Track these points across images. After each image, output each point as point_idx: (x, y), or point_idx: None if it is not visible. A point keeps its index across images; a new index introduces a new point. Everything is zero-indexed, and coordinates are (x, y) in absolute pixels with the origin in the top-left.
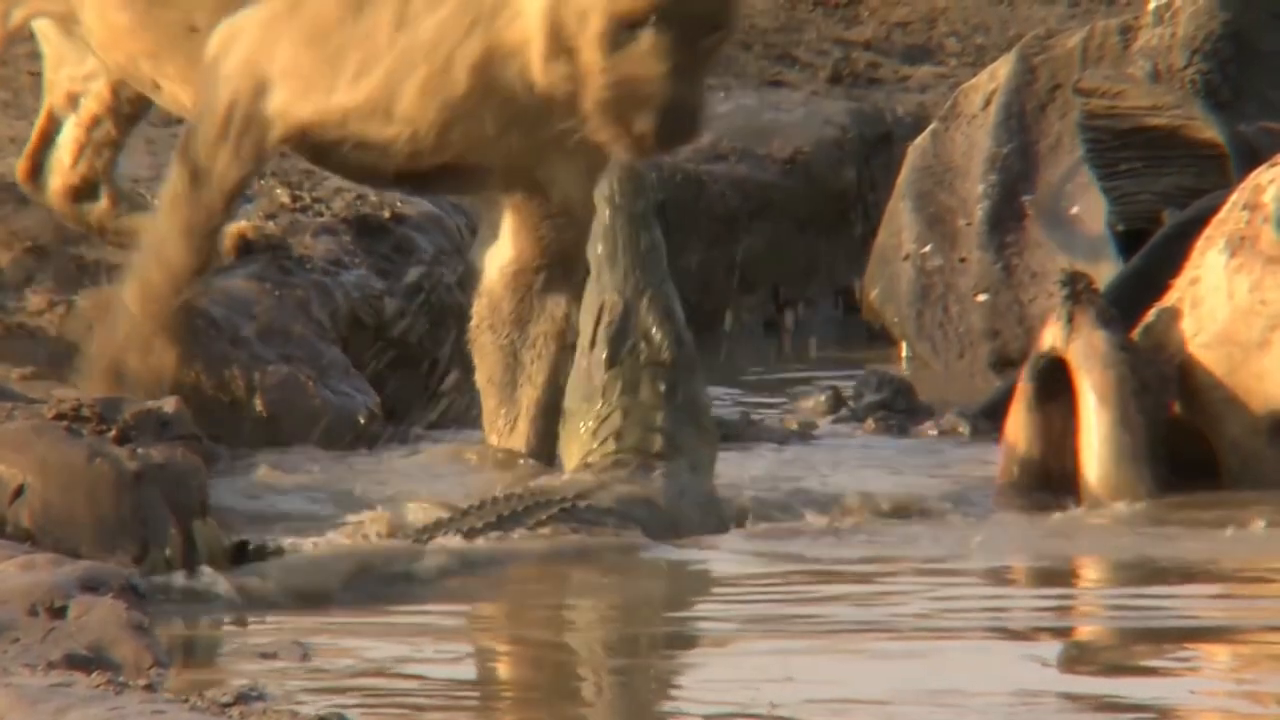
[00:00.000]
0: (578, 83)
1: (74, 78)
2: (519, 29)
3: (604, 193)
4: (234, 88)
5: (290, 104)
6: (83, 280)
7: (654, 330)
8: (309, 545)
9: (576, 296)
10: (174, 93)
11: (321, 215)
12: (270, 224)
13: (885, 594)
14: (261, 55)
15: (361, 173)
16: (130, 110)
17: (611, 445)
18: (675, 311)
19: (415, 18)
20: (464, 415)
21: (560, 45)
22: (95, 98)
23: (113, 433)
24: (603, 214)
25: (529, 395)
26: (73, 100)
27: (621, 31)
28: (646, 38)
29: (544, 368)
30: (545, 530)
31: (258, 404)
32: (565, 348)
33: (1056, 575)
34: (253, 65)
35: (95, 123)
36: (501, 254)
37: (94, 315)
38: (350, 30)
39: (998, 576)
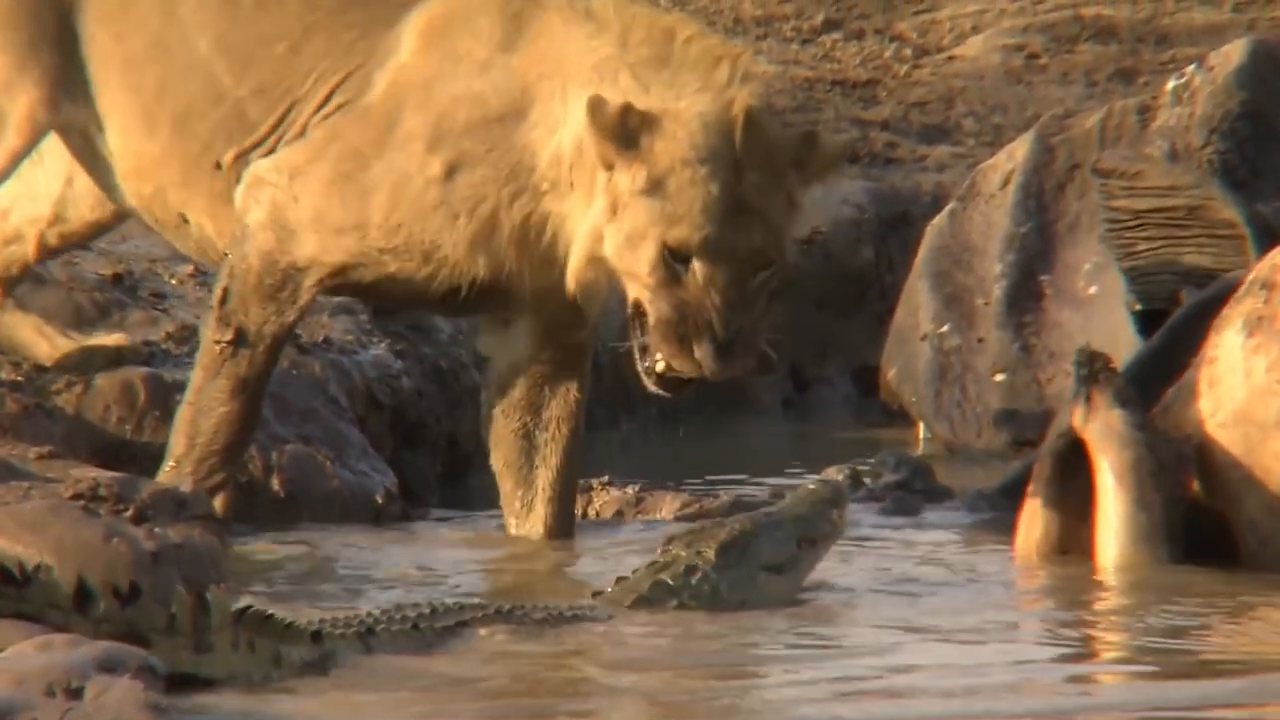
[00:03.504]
0: (633, 294)
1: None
2: (562, 231)
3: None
4: (263, 240)
5: (323, 249)
6: (99, 360)
7: (709, 550)
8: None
9: (586, 381)
10: (200, 225)
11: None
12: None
13: (905, 668)
14: (287, 203)
15: (395, 303)
16: (55, 243)
17: None
18: (751, 574)
19: (448, 171)
20: (481, 495)
21: (597, 261)
22: (29, 221)
23: (130, 512)
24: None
25: (544, 477)
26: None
27: (674, 262)
28: (698, 270)
29: (558, 449)
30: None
31: (275, 483)
32: (578, 429)
33: (1075, 653)
34: (279, 213)
35: (16, 237)
36: (515, 348)
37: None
38: (376, 173)
39: (1017, 655)
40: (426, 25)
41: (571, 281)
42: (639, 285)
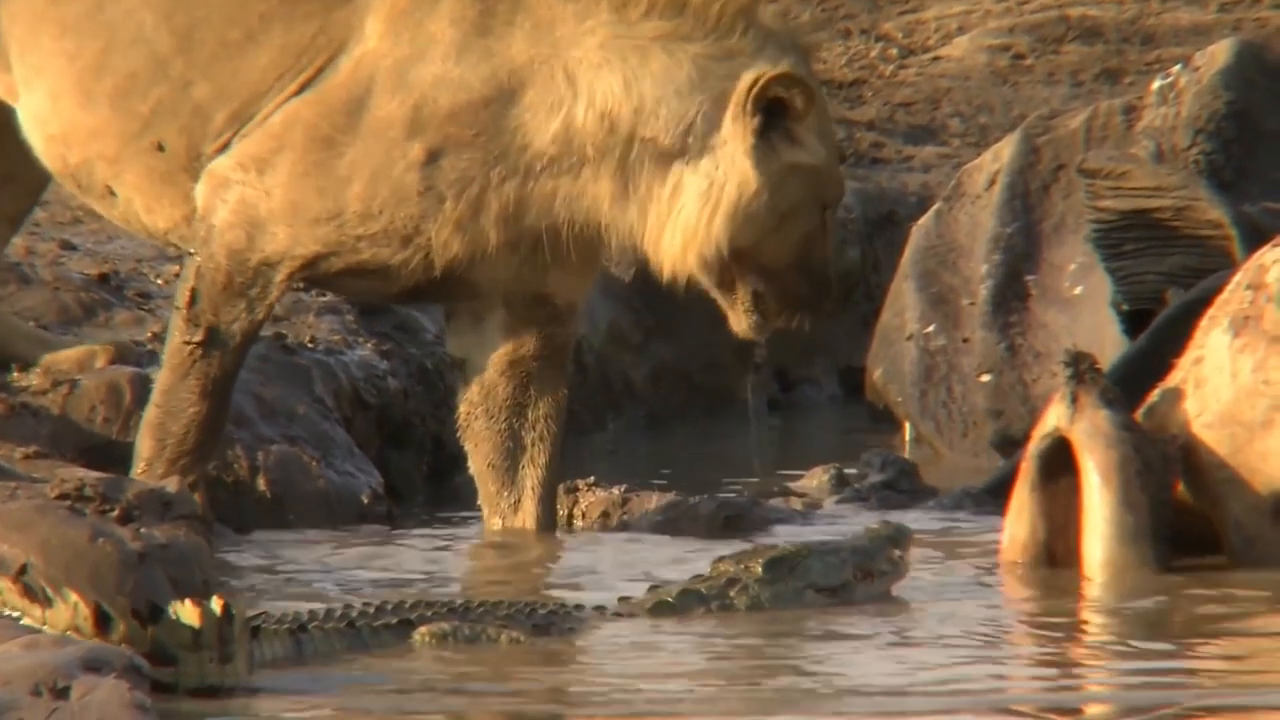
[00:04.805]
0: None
1: None
2: (575, 205)
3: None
4: (232, 238)
5: (296, 241)
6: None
7: (756, 564)
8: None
9: (568, 379)
10: (129, 199)
11: (325, 295)
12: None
13: (886, 671)
14: (258, 198)
15: (366, 294)
16: (13, 211)
17: None
18: (798, 590)
19: (430, 155)
20: (467, 495)
21: (717, 243)
22: None
23: (116, 512)
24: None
25: (532, 475)
26: None
27: (820, 227)
28: (828, 224)
29: (546, 448)
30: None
31: (261, 484)
32: (562, 427)
33: (1059, 656)
34: (249, 210)
35: None
36: (495, 345)
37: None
38: (351, 160)
39: (1001, 657)
40: (390, 9)
41: (677, 265)
42: (774, 257)
